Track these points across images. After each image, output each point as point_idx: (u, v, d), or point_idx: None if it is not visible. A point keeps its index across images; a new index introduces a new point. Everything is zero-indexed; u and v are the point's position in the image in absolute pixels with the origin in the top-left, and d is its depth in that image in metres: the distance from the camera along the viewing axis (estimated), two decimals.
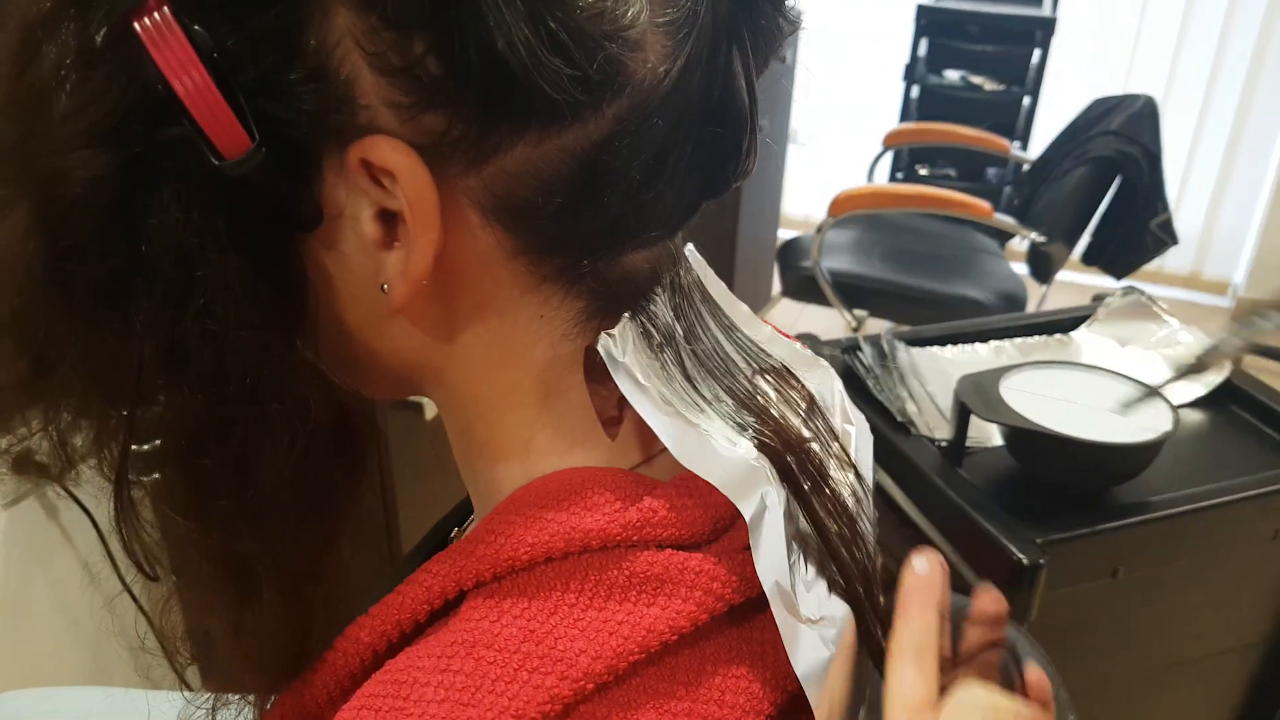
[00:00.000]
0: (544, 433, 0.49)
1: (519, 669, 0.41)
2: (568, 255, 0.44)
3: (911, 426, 1.10)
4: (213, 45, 0.37)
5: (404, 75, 0.38)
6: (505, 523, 0.45)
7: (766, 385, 0.52)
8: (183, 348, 0.41)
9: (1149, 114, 2.34)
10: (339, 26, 0.38)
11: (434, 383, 0.50)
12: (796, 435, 0.49)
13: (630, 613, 0.42)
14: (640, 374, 0.46)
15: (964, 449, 1.08)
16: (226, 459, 0.44)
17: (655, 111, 0.41)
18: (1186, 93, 3.58)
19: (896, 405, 1.12)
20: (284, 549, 0.47)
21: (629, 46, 0.39)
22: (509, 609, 0.43)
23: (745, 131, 0.45)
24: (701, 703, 0.43)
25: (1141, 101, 2.36)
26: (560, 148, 0.40)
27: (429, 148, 0.39)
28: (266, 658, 0.50)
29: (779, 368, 0.53)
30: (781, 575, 0.44)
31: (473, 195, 0.41)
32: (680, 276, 0.50)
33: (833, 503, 0.49)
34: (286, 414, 0.44)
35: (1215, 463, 1.12)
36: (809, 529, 0.47)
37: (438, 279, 0.43)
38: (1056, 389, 1.05)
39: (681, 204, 0.45)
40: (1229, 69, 3.51)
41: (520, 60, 0.36)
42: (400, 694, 0.41)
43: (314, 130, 0.39)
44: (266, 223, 0.41)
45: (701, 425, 0.46)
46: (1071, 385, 1.07)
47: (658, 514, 0.45)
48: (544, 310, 0.46)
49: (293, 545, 0.48)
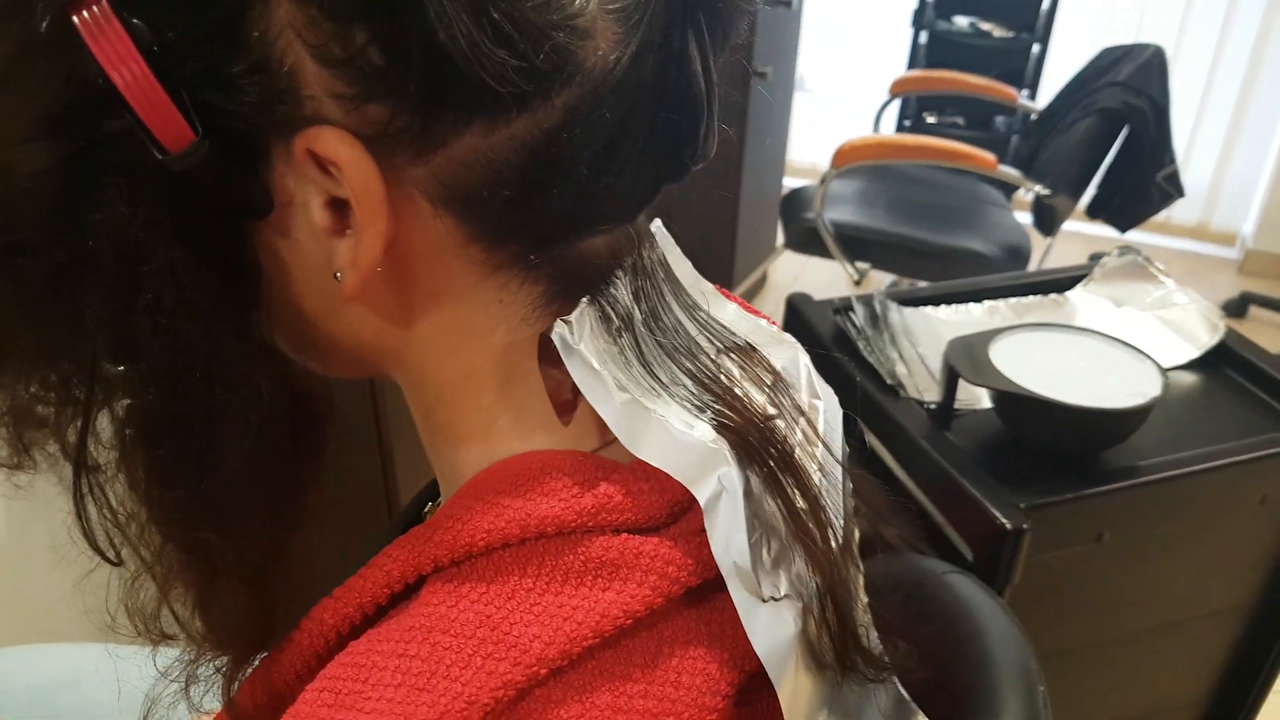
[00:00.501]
0: (504, 416, 0.49)
1: (474, 655, 0.41)
2: (522, 242, 0.44)
3: (901, 389, 1.10)
4: (152, 38, 0.36)
5: (346, 66, 0.37)
6: (464, 508, 0.45)
7: (731, 364, 0.51)
8: (134, 340, 0.41)
9: (1157, 65, 2.30)
10: (280, 18, 0.37)
11: (394, 366, 0.50)
12: (761, 413, 0.49)
13: (585, 598, 0.43)
14: (596, 360, 0.46)
15: (952, 412, 1.08)
16: (183, 447, 0.44)
17: (607, 99, 0.40)
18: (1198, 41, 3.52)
19: (887, 367, 1.12)
20: (244, 533, 0.48)
21: (578, 35, 0.38)
22: (467, 594, 0.43)
23: (702, 117, 0.44)
24: (658, 684, 0.44)
25: (1150, 52, 2.32)
26: (510, 137, 0.40)
27: (374, 138, 0.39)
28: (230, 637, 0.50)
29: (744, 345, 0.53)
30: (740, 555, 0.44)
31: (422, 185, 0.41)
32: (643, 258, 0.50)
33: (798, 480, 0.49)
34: (240, 403, 0.44)
35: (1206, 426, 1.12)
36: (774, 507, 0.47)
37: (392, 266, 0.44)
38: (1046, 352, 1.05)
39: (638, 189, 0.45)
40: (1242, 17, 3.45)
41: (462, 52, 0.36)
42: (359, 677, 0.42)
43: (259, 121, 0.39)
44: (216, 212, 0.41)
45: (657, 410, 0.46)
46: (1061, 348, 1.06)
47: (613, 499, 0.45)
48: (502, 295, 0.46)
49: (253, 529, 0.48)
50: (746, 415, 0.48)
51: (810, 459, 0.51)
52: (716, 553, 0.44)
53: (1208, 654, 1.26)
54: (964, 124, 3.27)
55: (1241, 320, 3.42)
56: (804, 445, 0.51)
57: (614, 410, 0.46)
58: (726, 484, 0.45)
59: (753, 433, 0.47)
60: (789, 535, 0.47)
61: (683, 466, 0.45)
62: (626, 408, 0.46)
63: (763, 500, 0.47)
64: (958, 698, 0.63)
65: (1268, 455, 1.05)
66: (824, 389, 0.57)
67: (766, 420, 0.49)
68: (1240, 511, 1.09)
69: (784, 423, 0.51)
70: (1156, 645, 1.20)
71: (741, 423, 0.47)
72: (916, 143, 2.43)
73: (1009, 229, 2.56)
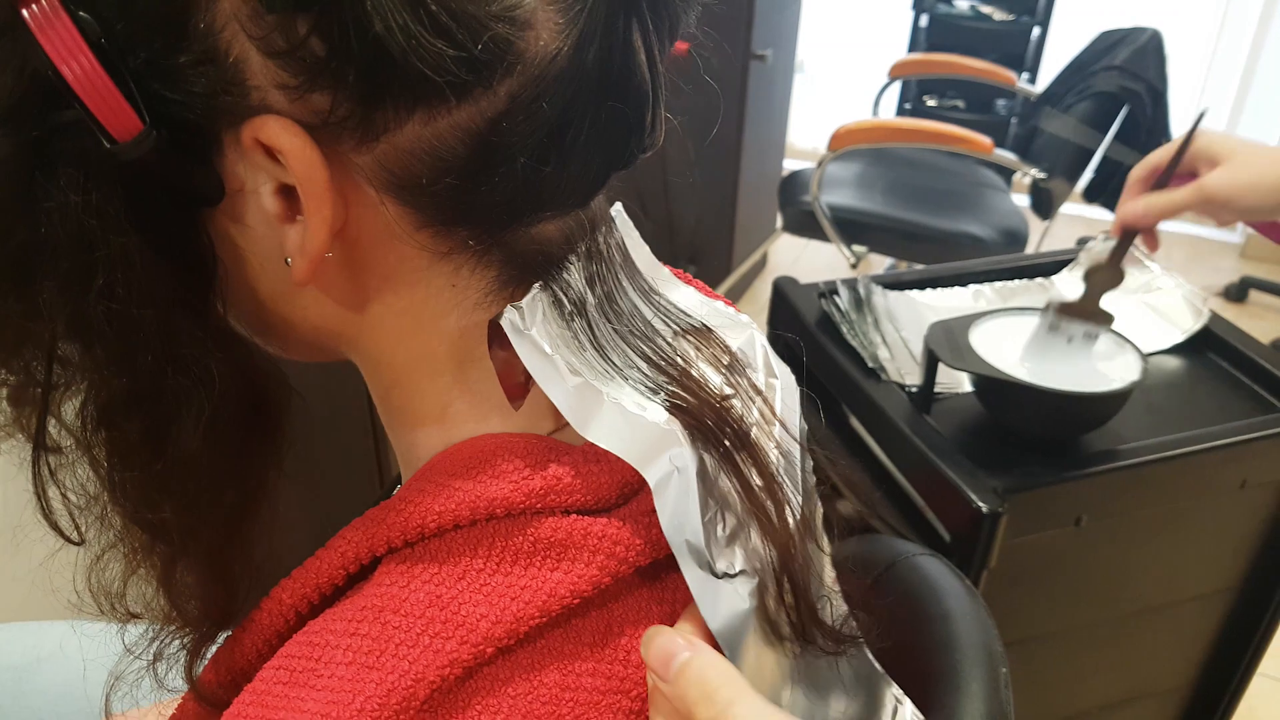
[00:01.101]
0: (460, 399, 0.50)
1: (422, 634, 0.42)
2: (471, 228, 0.45)
3: (882, 372, 1.11)
4: (99, 31, 0.37)
5: (289, 57, 0.38)
6: (417, 490, 0.46)
7: (687, 345, 0.52)
8: (89, 324, 0.42)
9: (1155, 48, 2.29)
10: (225, 10, 0.38)
11: (350, 349, 0.51)
12: (718, 394, 0.50)
13: (534, 578, 0.44)
14: (548, 344, 0.46)
15: (933, 396, 1.08)
16: (138, 428, 0.45)
17: (550, 88, 0.41)
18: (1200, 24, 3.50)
19: (869, 351, 1.12)
20: (203, 512, 0.49)
21: (518, 25, 0.39)
22: (419, 574, 0.44)
23: (648, 106, 0.45)
24: (606, 662, 0.45)
25: (1147, 35, 2.31)
26: (453, 125, 0.41)
27: (318, 126, 0.40)
28: (193, 615, 0.51)
29: (700, 327, 0.54)
30: (694, 533, 0.45)
31: (368, 172, 0.42)
32: (598, 243, 0.50)
33: (755, 458, 0.50)
34: (192, 386, 0.44)
35: (1187, 411, 1.12)
36: (729, 485, 0.48)
37: (343, 251, 0.44)
38: (1027, 336, 1.05)
39: (587, 177, 0.46)
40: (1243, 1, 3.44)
41: (399, 43, 0.37)
42: (313, 655, 0.43)
43: (207, 111, 0.40)
44: (169, 200, 0.42)
45: (610, 393, 0.47)
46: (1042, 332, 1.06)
47: (562, 481, 0.46)
48: (455, 280, 0.47)
49: (211, 508, 0.49)
50: (701, 396, 0.49)
51: (768, 437, 0.52)
52: (667, 531, 0.45)
53: (1191, 638, 1.26)
54: (964, 107, 3.27)
55: (1241, 304, 3.42)
56: (761, 424, 0.52)
57: (565, 393, 0.46)
58: (678, 464, 0.46)
59: (708, 413, 0.48)
60: (744, 511, 0.48)
61: (632, 448, 0.46)
62: (578, 390, 0.46)
63: (718, 478, 0.48)
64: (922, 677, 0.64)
65: (1248, 440, 1.05)
66: (781, 369, 0.58)
67: (723, 400, 0.50)
68: (1220, 496, 1.10)
69: (740, 402, 0.51)
70: (1139, 629, 1.20)
71: (696, 403, 0.48)
72: (913, 126, 2.42)
73: (1007, 213, 2.56)
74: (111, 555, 0.50)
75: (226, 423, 0.46)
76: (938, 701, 0.62)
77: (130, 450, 0.46)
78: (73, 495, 0.48)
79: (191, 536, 0.49)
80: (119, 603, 0.52)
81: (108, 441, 0.46)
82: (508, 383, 0.48)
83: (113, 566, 0.50)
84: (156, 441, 0.46)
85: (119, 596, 0.51)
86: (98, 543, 0.49)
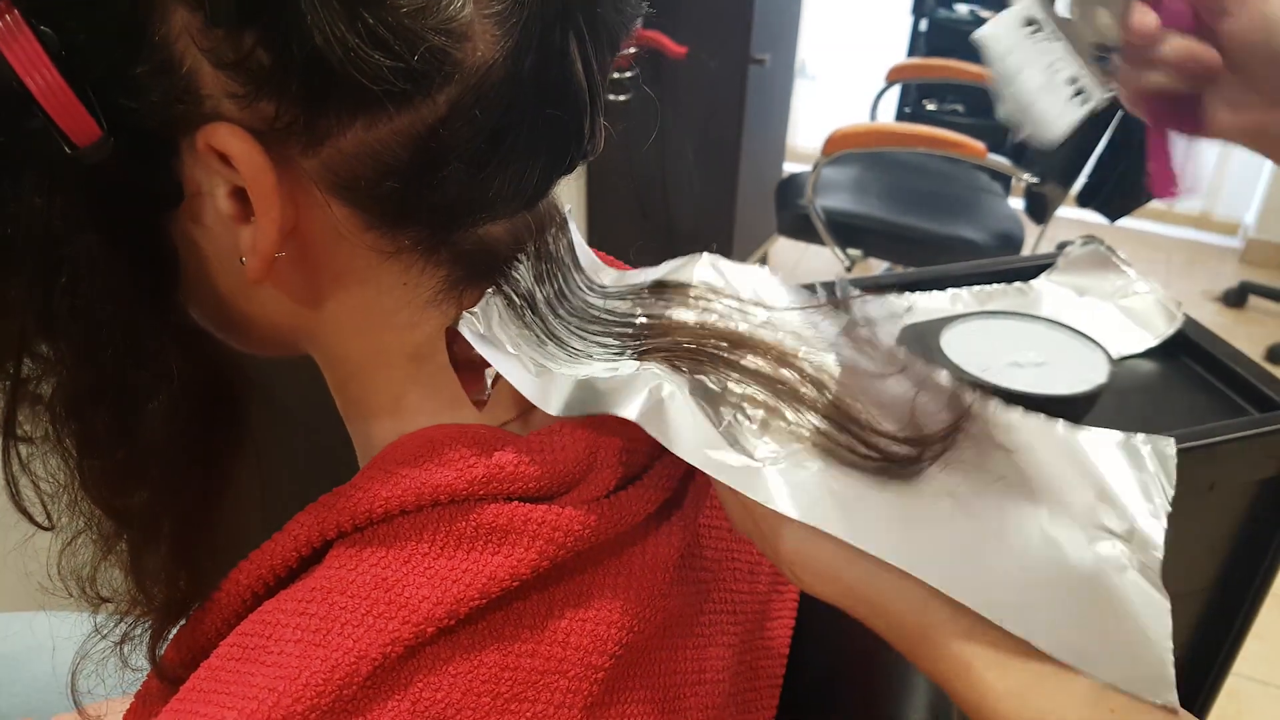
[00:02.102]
0: (413, 392, 0.52)
1: (366, 614, 0.44)
2: (419, 229, 0.47)
3: None
4: (60, 44, 0.39)
5: (237, 68, 0.40)
6: (368, 478, 0.49)
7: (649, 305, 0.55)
8: (54, 320, 0.45)
9: None
10: (178, 25, 0.40)
11: (308, 344, 0.53)
12: (694, 323, 0.53)
13: (475, 561, 0.46)
14: (510, 345, 0.49)
15: None
16: (102, 418, 0.48)
17: (488, 96, 0.43)
18: None
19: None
20: (166, 497, 0.51)
21: (455, 37, 0.41)
22: (366, 558, 0.46)
23: (586, 114, 0.47)
24: (545, 644, 0.47)
25: None
26: (394, 131, 0.43)
27: (265, 132, 0.42)
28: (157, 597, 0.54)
29: (653, 284, 0.56)
30: (711, 443, 0.47)
31: (315, 175, 0.44)
32: (548, 243, 0.52)
33: (760, 348, 0.52)
34: (151, 379, 0.47)
35: (1158, 414, 1.13)
36: (743, 384, 0.50)
37: (296, 250, 0.47)
38: (997, 339, 1.07)
39: (529, 181, 0.48)
40: None
41: (337, 55, 0.39)
42: (265, 633, 0.45)
43: (164, 118, 0.42)
44: (130, 201, 0.44)
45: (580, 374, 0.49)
46: (1012, 336, 1.08)
47: (504, 469, 0.48)
48: (405, 279, 0.49)
49: (175, 496, 0.51)
50: (673, 332, 0.51)
51: (768, 329, 0.54)
52: (685, 453, 0.47)
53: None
54: (964, 111, 3.27)
55: (1240, 309, 3.43)
56: (757, 325, 0.54)
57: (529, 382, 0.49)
58: (664, 393, 0.48)
59: (685, 339, 0.50)
60: (772, 398, 0.50)
61: (601, 402, 0.48)
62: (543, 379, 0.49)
63: (725, 386, 0.50)
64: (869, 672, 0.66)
65: (1215, 443, 1.06)
66: (747, 269, 0.59)
67: (701, 327, 0.52)
68: (1189, 498, 1.11)
69: (718, 316, 0.54)
70: None
71: (669, 340, 0.50)
72: (905, 130, 2.44)
73: (1003, 217, 2.57)
74: (82, 541, 0.52)
75: (187, 414, 0.49)
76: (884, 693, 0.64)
77: (96, 440, 0.48)
78: (44, 484, 0.50)
79: (156, 522, 0.51)
80: (89, 586, 0.54)
81: (75, 432, 0.48)
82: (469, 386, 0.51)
83: (83, 552, 0.53)
84: (120, 432, 0.48)
85: (89, 581, 0.54)
86: (69, 529, 0.52)
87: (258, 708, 0.42)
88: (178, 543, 0.52)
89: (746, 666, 0.63)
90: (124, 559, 0.52)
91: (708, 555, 0.61)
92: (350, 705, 0.42)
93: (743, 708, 0.62)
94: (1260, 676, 1.98)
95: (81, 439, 0.49)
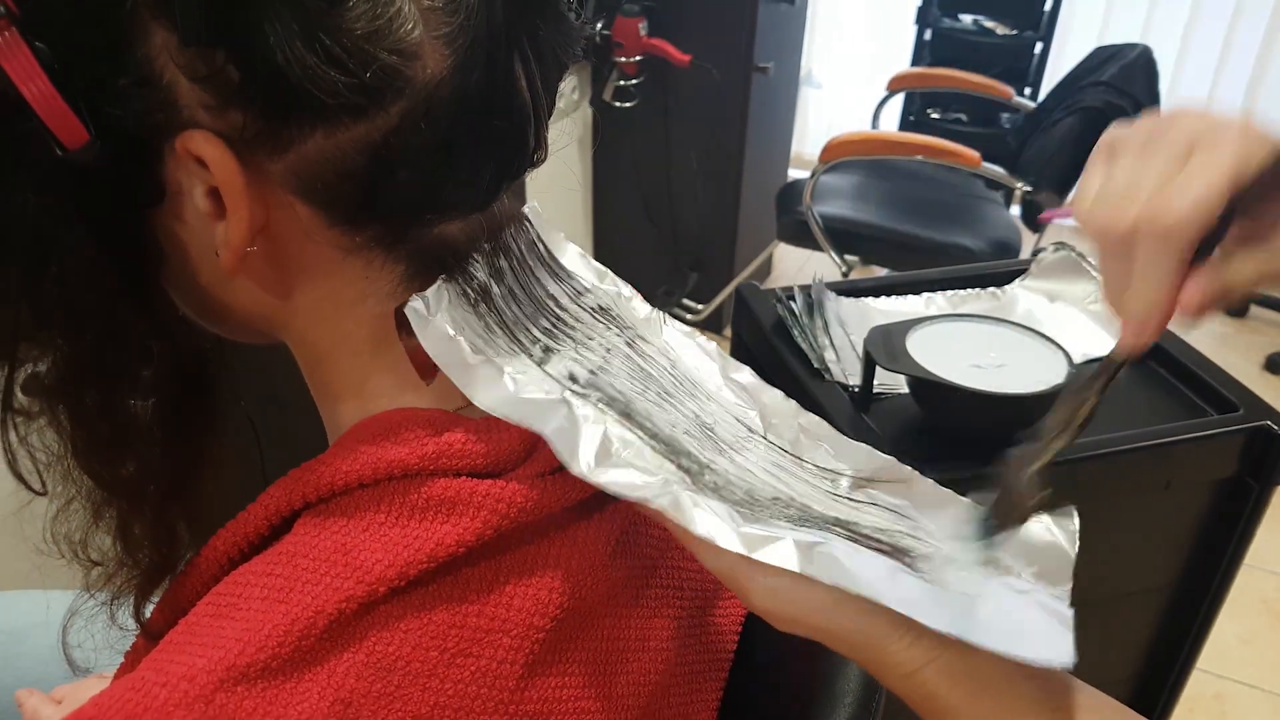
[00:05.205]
0: (376, 377, 0.57)
1: (325, 574, 0.49)
2: (377, 227, 0.52)
3: (826, 373, 1.17)
4: (52, 58, 0.44)
5: (208, 82, 0.46)
6: (333, 454, 0.54)
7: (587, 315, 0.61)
8: (45, 307, 0.50)
9: (1143, 65, 2.34)
10: (157, 43, 0.46)
11: (281, 331, 0.58)
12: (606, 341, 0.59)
13: (426, 529, 0.50)
14: (451, 328, 0.54)
15: (872, 396, 1.14)
16: (90, 396, 0.53)
17: (436, 109, 0.48)
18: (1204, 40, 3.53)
19: (817, 353, 1.19)
20: (151, 467, 0.56)
21: (405, 56, 0.46)
22: (330, 526, 0.51)
23: (530, 125, 0.52)
24: (491, 605, 0.51)
25: (1137, 52, 2.36)
26: (352, 139, 0.48)
27: (235, 140, 0.47)
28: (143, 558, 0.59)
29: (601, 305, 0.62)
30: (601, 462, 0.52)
31: (281, 177, 0.49)
32: (505, 240, 0.57)
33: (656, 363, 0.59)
34: (133, 361, 0.52)
35: (1119, 414, 1.17)
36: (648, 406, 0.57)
37: (266, 246, 0.52)
38: (962, 341, 1.11)
39: (480, 186, 0.53)
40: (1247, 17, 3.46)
41: (296, 72, 0.44)
42: (236, 592, 0.50)
43: (145, 125, 0.47)
44: (116, 200, 0.50)
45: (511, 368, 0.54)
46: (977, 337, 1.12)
47: (454, 446, 0.53)
48: (367, 272, 0.54)
49: (158, 468, 0.57)
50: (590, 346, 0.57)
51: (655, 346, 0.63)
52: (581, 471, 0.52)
53: (1128, 636, 1.31)
54: (966, 120, 3.30)
55: (1242, 319, 3.45)
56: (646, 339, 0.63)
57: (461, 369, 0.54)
58: (581, 411, 0.54)
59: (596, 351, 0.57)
60: None
61: (521, 410, 0.53)
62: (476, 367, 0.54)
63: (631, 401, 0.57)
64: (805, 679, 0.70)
65: (1170, 442, 1.10)
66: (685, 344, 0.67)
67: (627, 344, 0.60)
68: (1147, 496, 1.15)
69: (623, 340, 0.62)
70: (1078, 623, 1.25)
71: (590, 359, 0.56)
72: (901, 139, 2.48)
73: (1000, 224, 2.61)
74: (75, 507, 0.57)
75: (167, 394, 0.54)
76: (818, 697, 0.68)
77: (86, 415, 0.54)
78: (40, 455, 0.56)
79: (142, 491, 0.57)
80: (80, 550, 0.59)
81: (66, 408, 0.54)
82: (417, 361, 0.56)
83: (75, 518, 0.58)
84: (107, 408, 0.54)
85: (80, 545, 0.59)
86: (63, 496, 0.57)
87: (223, 655, 0.46)
88: (162, 511, 0.58)
89: (695, 640, 0.67)
90: (112, 525, 0.58)
91: (654, 533, 0.65)
92: (309, 655, 0.47)
93: (690, 678, 0.66)
94: (1248, 680, 2.01)
95: (72, 414, 0.54)
